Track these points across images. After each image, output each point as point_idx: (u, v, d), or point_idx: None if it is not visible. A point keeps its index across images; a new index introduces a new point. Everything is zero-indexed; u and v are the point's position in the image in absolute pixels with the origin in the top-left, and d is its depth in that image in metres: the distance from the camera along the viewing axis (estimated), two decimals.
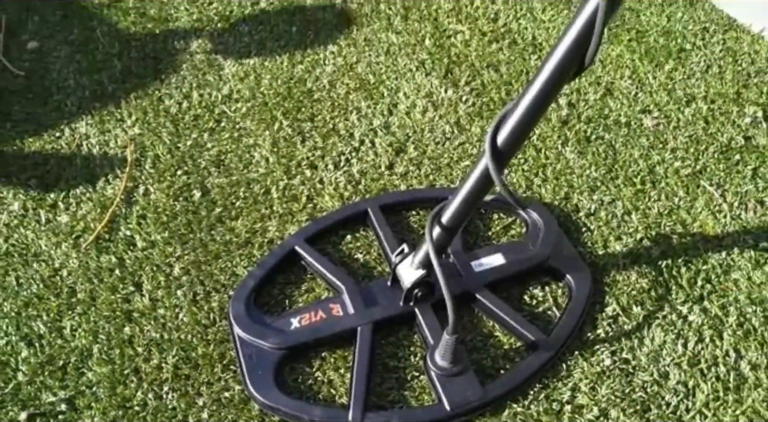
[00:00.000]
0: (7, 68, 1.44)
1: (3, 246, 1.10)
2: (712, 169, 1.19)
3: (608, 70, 1.39)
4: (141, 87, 1.39)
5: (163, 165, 1.22)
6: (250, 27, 1.54)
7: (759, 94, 1.32)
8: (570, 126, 1.27)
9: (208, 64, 1.44)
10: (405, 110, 1.32)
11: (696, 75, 1.37)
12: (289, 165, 1.22)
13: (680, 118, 1.28)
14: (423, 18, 1.54)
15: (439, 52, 1.45)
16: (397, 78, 1.39)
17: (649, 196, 1.14)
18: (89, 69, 1.43)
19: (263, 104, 1.34)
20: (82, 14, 1.59)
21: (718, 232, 1.09)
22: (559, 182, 1.17)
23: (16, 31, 1.54)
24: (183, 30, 1.54)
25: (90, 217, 1.14)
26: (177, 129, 1.30)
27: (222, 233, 1.11)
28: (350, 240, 1.10)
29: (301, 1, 1.61)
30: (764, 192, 1.15)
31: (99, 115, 1.33)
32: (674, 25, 1.50)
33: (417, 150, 1.24)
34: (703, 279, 1.02)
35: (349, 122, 1.30)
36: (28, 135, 1.30)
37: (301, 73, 1.41)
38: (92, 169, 1.23)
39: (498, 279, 1.00)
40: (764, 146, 1.22)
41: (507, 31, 1.50)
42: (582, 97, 1.33)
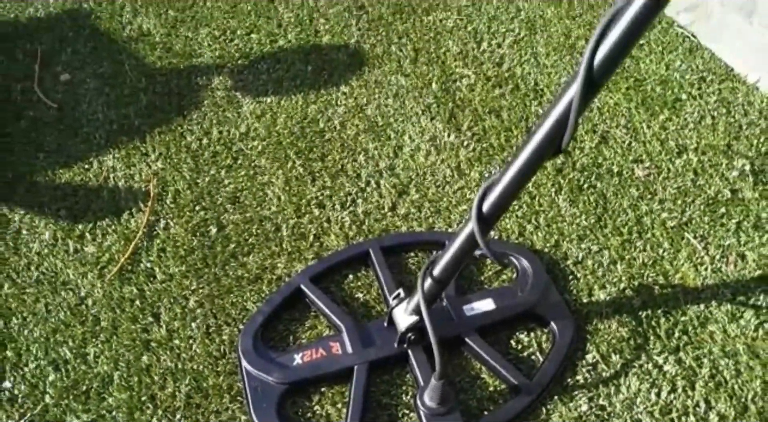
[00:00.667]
0: (41, 99, 1.54)
1: (34, 273, 1.20)
2: (697, 221, 1.25)
3: (605, 118, 1.46)
4: (165, 122, 1.49)
5: (182, 200, 1.32)
6: (268, 65, 1.63)
7: (749, 146, 1.39)
8: (564, 174, 1.34)
9: (228, 101, 1.54)
10: (409, 153, 1.40)
11: (689, 125, 1.44)
12: (299, 203, 1.31)
13: (671, 168, 1.35)
14: (431, 61, 1.62)
15: (444, 96, 1.53)
16: (403, 121, 1.48)
17: (635, 246, 1.21)
18: (117, 102, 1.53)
19: (278, 143, 1.43)
20: (111, 47, 1.69)
21: (698, 285, 1.15)
22: (550, 229, 1.24)
23: (49, 62, 1.65)
24: (205, 66, 1.63)
25: (114, 249, 1.24)
26: (197, 165, 1.39)
27: (234, 268, 1.20)
28: (352, 279, 1.18)
29: (317, 40, 1.70)
30: (746, 246, 1.21)
31: (125, 149, 1.43)
32: (672, 74, 1.56)
33: (419, 192, 1.32)
34: (680, 330, 1.09)
35: (356, 163, 1.39)
36: (59, 166, 1.40)
37: (314, 113, 1.50)
38: (117, 201, 1.33)
39: (487, 324, 1.08)
40: (749, 200, 1.28)
41: (511, 76, 1.57)
42: (578, 144, 1.40)
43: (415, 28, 1.72)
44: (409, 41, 1.68)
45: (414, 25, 1.73)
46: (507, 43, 1.67)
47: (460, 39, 1.68)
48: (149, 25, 1.75)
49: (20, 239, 1.26)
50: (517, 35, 1.69)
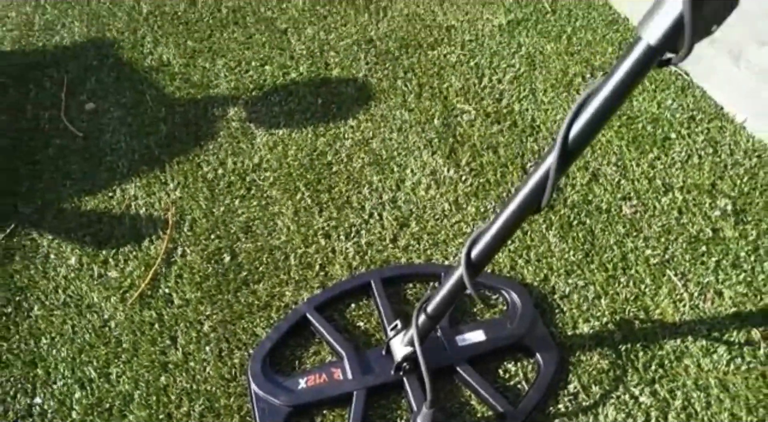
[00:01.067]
0: (68, 128, 1.65)
1: (62, 296, 1.31)
2: (679, 258, 1.34)
3: (596, 156, 1.54)
4: (183, 152, 1.59)
5: (199, 228, 1.42)
6: (280, 97, 1.73)
7: (732, 186, 1.47)
8: (555, 210, 1.43)
9: (243, 132, 1.64)
10: (411, 186, 1.50)
11: (677, 164, 1.52)
12: (306, 234, 1.40)
13: (656, 206, 1.43)
14: (434, 96, 1.71)
15: (445, 131, 1.62)
16: (406, 155, 1.57)
17: (619, 282, 1.30)
18: (138, 132, 1.64)
19: (288, 174, 1.53)
20: (133, 77, 1.80)
21: (676, 320, 1.24)
22: (540, 264, 1.33)
23: (75, 91, 1.76)
24: (222, 97, 1.74)
25: (135, 274, 1.34)
26: (212, 194, 1.49)
27: (246, 295, 1.30)
28: (354, 308, 1.28)
29: (327, 73, 1.80)
30: (723, 284, 1.29)
31: (146, 178, 1.53)
32: (663, 113, 1.65)
33: (418, 225, 1.42)
34: (656, 363, 1.17)
35: (361, 195, 1.48)
36: (84, 193, 1.50)
37: (322, 146, 1.60)
38: (139, 228, 1.43)
39: (478, 354, 1.17)
40: (730, 239, 1.36)
41: (509, 112, 1.66)
42: (570, 181, 1.49)
43: (420, 62, 1.81)
44: (414, 76, 1.77)
45: (419, 60, 1.82)
46: (507, 78, 1.76)
47: (462, 74, 1.77)
48: (169, 56, 1.86)
49: (49, 263, 1.36)
50: (517, 71, 1.78)
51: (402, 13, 1.99)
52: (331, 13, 2.00)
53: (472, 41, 1.88)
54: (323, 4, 2.03)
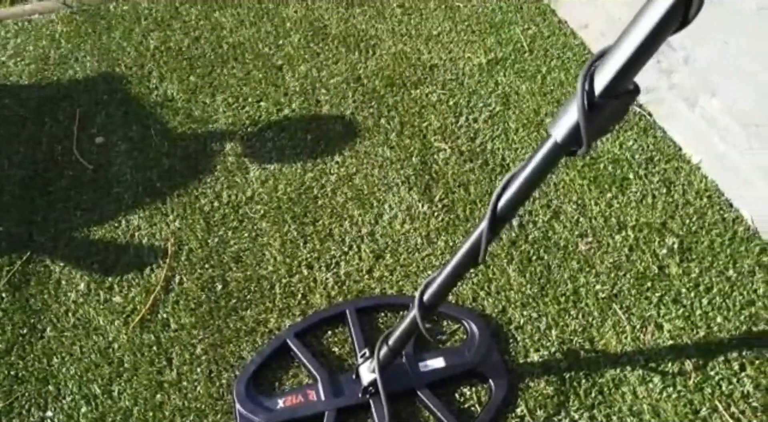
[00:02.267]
0: (79, 161, 1.82)
1: (71, 319, 1.47)
2: (625, 293, 1.48)
3: (559, 194, 1.69)
4: (183, 185, 1.75)
5: (195, 258, 1.58)
6: (273, 133, 1.89)
7: (681, 225, 1.61)
8: (517, 246, 1.57)
9: (238, 166, 1.79)
10: (388, 220, 1.65)
11: (632, 204, 1.66)
12: (291, 264, 1.56)
13: (610, 243, 1.57)
14: (414, 134, 1.86)
15: (422, 168, 1.77)
16: (385, 190, 1.72)
17: (569, 314, 1.44)
18: (143, 165, 1.80)
19: (277, 208, 1.68)
20: (139, 112, 1.96)
21: (618, 351, 1.38)
22: (499, 296, 1.48)
23: (86, 124, 1.93)
24: (220, 132, 1.89)
25: (137, 300, 1.50)
26: (208, 225, 1.65)
27: (234, 321, 1.45)
28: (331, 334, 1.43)
29: (317, 110, 1.95)
30: (663, 318, 1.43)
31: (149, 209, 1.69)
32: (624, 153, 1.78)
33: (392, 257, 1.57)
34: (596, 390, 1.32)
35: (343, 228, 1.63)
36: (93, 223, 1.67)
37: (310, 181, 1.75)
38: (141, 257, 1.59)
39: (437, 379, 1.32)
40: (674, 275, 1.50)
41: (482, 151, 1.81)
42: (532, 218, 1.63)
43: (404, 101, 1.96)
44: (397, 114, 1.92)
45: (402, 99, 1.97)
46: (482, 117, 1.90)
47: (441, 113, 1.92)
48: (173, 91, 2.02)
49: (60, 288, 1.53)
50: (492, 110, 1.92)
51: (390, 52, 2.13)
52: (323, 51, 2.15)
53: (452, 80, 2.02)
54: (317, 42, 2.18)
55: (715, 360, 1.36)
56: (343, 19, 2.27)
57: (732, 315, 1.43)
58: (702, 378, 1.33)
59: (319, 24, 2.25)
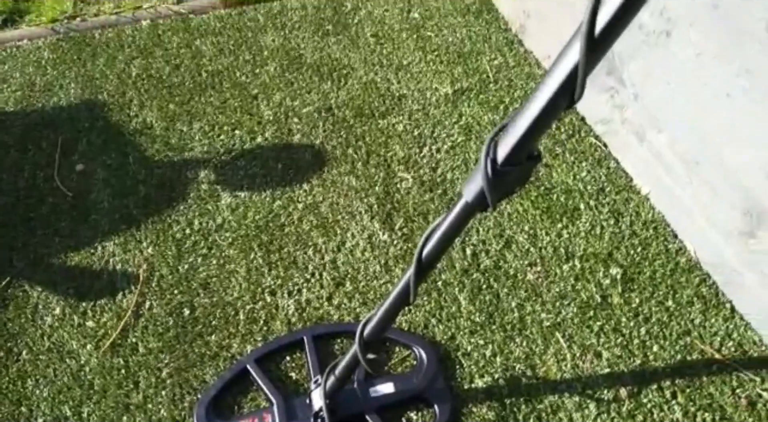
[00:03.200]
0: (59, 188, 1.91)
1: (46, 343, 1.56)
2: (568, 322, 1.57)
3: (512, 224, 1.78)
4: (157, 212, 1.84)
5: (165, 284, 1.67)
6: (246, 161, 1.98)
7: (626, 256, 1.69)
8: (469, 274, 1.66)
9: (210, 194, 1.89)
10: (350, 248, 1.74)
11: (581, 234, 1.75)
12: (255, 291, 1.65)
13: (557, 273, 1.66)
14: (379, 164, 1.95)
15: (385, 197, 1.86)
16: (349, 219, 1.81)
17: (514, 342, 1.53)
18: (120, 193, 1.89)
19: (245, 235, 1.77)
20: (119, 140, 2.05)
21: (558, 378, 1.47)
22: (449, 324, 1.57)
23: (68, 151, 2.02)
24: (195, 160, 1.98)
25: (109, 325, 1.59)
26: (179, 252, 1.74)
27: (200, 346, 1.54)
28: (289, 360, 1.52)
29: (289, 139, 2.05)
30: (603, 346, 1.52)
31: (124, 236, 1.78)
32: (577, 184, 1.87)
33: (352, 285, 1.66)
34: (535, 416, 1.40)
35: (306, 256, 1.72)
36: (70, 249, 1.76)
37: (278, 209, 1.84)
38: (114, 283, 1.68)
39: (386, 404, 1.41)
40: (615, 305, 1.59)
41: (442, 181, 1.90)
42: (484, 247, 1.72)
43: (371, 131, 2.06)
44: (364, 144, 2.01)
45: (370, 128, 2.06)
46: (445, 148, 1.99)
47: (406, 143, 2.01)
48: (152, 119, 2.11)
49: (37, 313, 1.62)
50: (454, 141, 2.01)
51: (361, 81, 2.23)
52: (298, 80, 2.24)
53: (419, 110, 2.11)
54: (292, 71, 2.27)
55: (648, 387, 1.45)
56: (318, 48, 2.36)
57: (668, 345, 1.52)
58: (635, 406, 1.42)
59: (295, 53, 2.35)
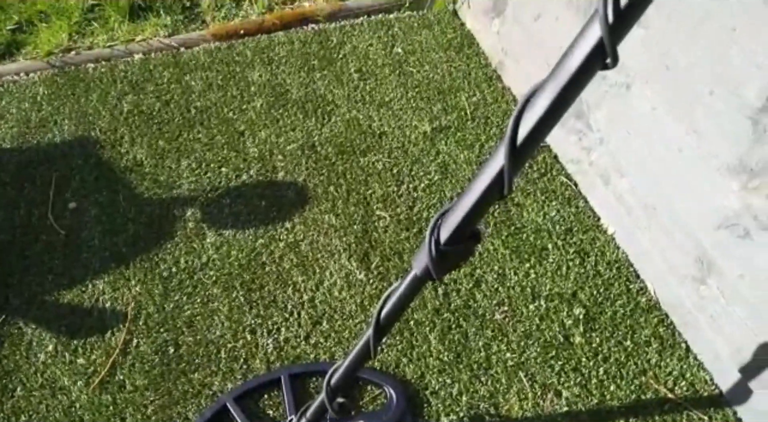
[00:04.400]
0: (53, 226, 2.00)
1: (40, 380, 1.65)
2: (531, 361, 1.66)
3: (482, 264, 1.87)
4: (145, 250, 1.93)
5: (151, 322, 1.76)
6: (231, 199, 2.07)
7: (589, 296, 1.79)
8: (440, 314, 1.75)
9: (196, 232, 1.98)
10: (328, 287, 1.83)
11: (548, 274, 1.84)
12: (237, 329, 1.74)
13: (524, 312, 1.76)
14: (359, 202, 2.04)
15: (363, 235, 1.95)
16: (328, 257, 1.90)
17: (480, 381, 1.62)
18: (110, 231, 1.98)
19: (229, 274, 1.87)
20: (110, 177, 2.15)
21: (519, 416, 1.56)
22: (419, 363, 1.66)
23: (62, 189, 2.11)
24: (182, 198, 2.08)
25: (98, 362, 1.68)
26: (165, 290, 1.83)
27: (183, 384, 1.64)
28: (267, 398, 1.61)
29: (273, 176, 2.14)
30: (563, 385, 1.61)
31: (113, 274, 1.87)
32: (546, 224, 1.96)
33: (328, 324, 1.75)
34: None
35: (286, 295, 1.82)
36: (63, 288, 1.85)
37: (260, 247, 1.93)
38: (104, 320, 1.77)
39: None
40: (577, 345, 1.68)
41: (418, 219, 1.99)
42: (456, 287, 1.81)
43: (352, 168, 2.15)
44: (345, 182, 2.11)
45: (351, 166, 2.15)
46: (422, 186, 2.08)
47: (384, 181, 2.10)
48: (142, 156, 2.21)
49: (31, 350, 1.71)
50: (431, 179, 2.11)
51: (344, 118, 2.32)
52: (283, 117, 2.33)
53: (398, 148, 2.20)
54: (278, 108, 2.37)
55: None
56: (304, 84, 2.46)
57: (624, 384, 1.61)
58: None
59: (281, 89, 2.44)
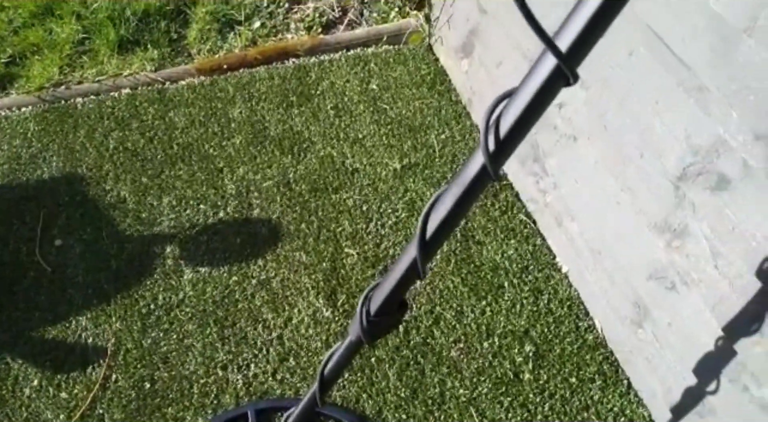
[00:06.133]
0: (40, 262, 2.13)
1: (24, 414, 1.78)
2: (482, 398, 1.77)
3: (442, 301, 1.99)
4: (126, 287, 2.05)
5: (130, 357, 1.88)
6: (208, 236, 2.19)
7: (540, 333, 1.90)
8: (399, 351, 1.87)
9: (174, 269, 2.10)
10: (296, 324, 1.95)
11: (502, 311, 1.96)
12: (209, 365, 1.86)
13: (478, 349, 1.87)
14: (328, 239, 2.16)
15: (331, 273, 2.07)
16: (297, 295, 2.02)
17: (434, 416, 1.74)
18: (94, 268, 2.11)
19: (203, 311, 1.99)
20: (94, 214, 2.27)
21: None
22: (378, 399, 1.78)
23: (49, 225, 2.23)
24: (162, 235, 2.20)
25: (79, 397, 1.81)
26: (144, 327, 1.96)
27: (158, 418, 1.76)
28: None
29: (249, 213, 2.26)
30: (510, 421, 1.73)
31: (96, 311, 2.00)
32: (503, 261, 2.08)
33: (294, 360, 1.87)
34: None
35: (256, 331, 1.94)
36: (48, 323, 1.97)
37: (233, 284, 2.05)
38: (86, 356, 1.89)
39: None
40: (525, 381, 1.80)
41: (384, 257, 2.11)
42: (416, 324, 1.93)
43: (324, 205, 2.26)
44: (317, 219, 2.22)
45: (323, 204, 2.27)
46: (389, 224, 2.20)
47: (354, 219, 2.22)
48: (126, 193, 2.33)
49: (17, 384, 1.84)
50: (398, 216, 2.22)
51: (318, 155, 2.43)
52: (260, 153, 2.45)
53: (369, 185, 2.32)
54: (256, 144, 2.48)
55: None
56: (282, 121, 2.57)
57: (567, 420, 1.72)
58: None
59: (260, 126, 2.56)
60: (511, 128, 0.77)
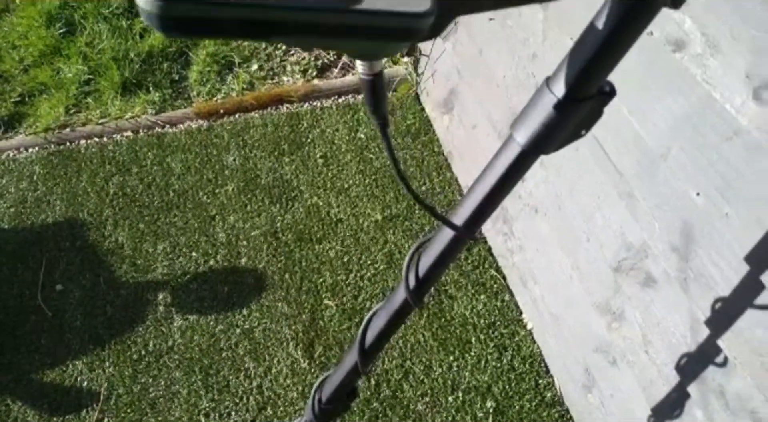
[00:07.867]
0: (41, 307, 2.29)
1: None
2: None
3: (413, 355, 2.12)
4: (119, 333, 2.21)
5: (120, 403, 2.04)
6: (198, 284, 2.34)
7: (502, 389, 2.03)
8: (370, 404, 2.01)
9: (165, 316, 2.25)
10: (275, 374, 2.10)
11: (468, 367, 2.09)
12: (193, 412, 2.01)
13: (443, 403, 2.01)
14: (309, 290, 2.31)
15: (310, 324, 2.21)
16: (277, 345, 2.17)
17: None
18: (90, 314, 2.26)
19: (190, 358, 2.14)
20: (93, 260, 2.43)
21: None
22: None
23: (51, 270, 2.39)
24: (155, 282, 2.35)
25: None
26: (135, 373, 2.11)
27: None
28: None
29: (237, 262, 2.40)
30: None
31: (91, 356, 2.15)
32: (472, 317, 2.21)
33: (272, 410, 2.01)
34: None
35: (238, 380, 2.09)
36: (47, 367, 2.13)
37: (219, 333, 2.20)
38: (80, 400, 2.05)
39: None
40: None
41: (361, 309, 2.25)
42: (386, 377, 2.07)
43: (307, 256, 2.41)
44: (300, 269, 2.37)
45: (307, 254, 2.41)
46: (368, 275, 2.34)
47: (335, 269, 2.36)
48: (123, 238, 2.48)
49: None
50: (377, 268, 2.36)
51: (305, 204, 2.58)
52: (251, 202, 2.60)
53: (351, 236, 2.46)
54: (247, 193, 2.63)
55: None
56: (273, 169, 2.72)
57: None
58: None
59: (252, 174, 2.70)
60: (426, 270, 0.91)
